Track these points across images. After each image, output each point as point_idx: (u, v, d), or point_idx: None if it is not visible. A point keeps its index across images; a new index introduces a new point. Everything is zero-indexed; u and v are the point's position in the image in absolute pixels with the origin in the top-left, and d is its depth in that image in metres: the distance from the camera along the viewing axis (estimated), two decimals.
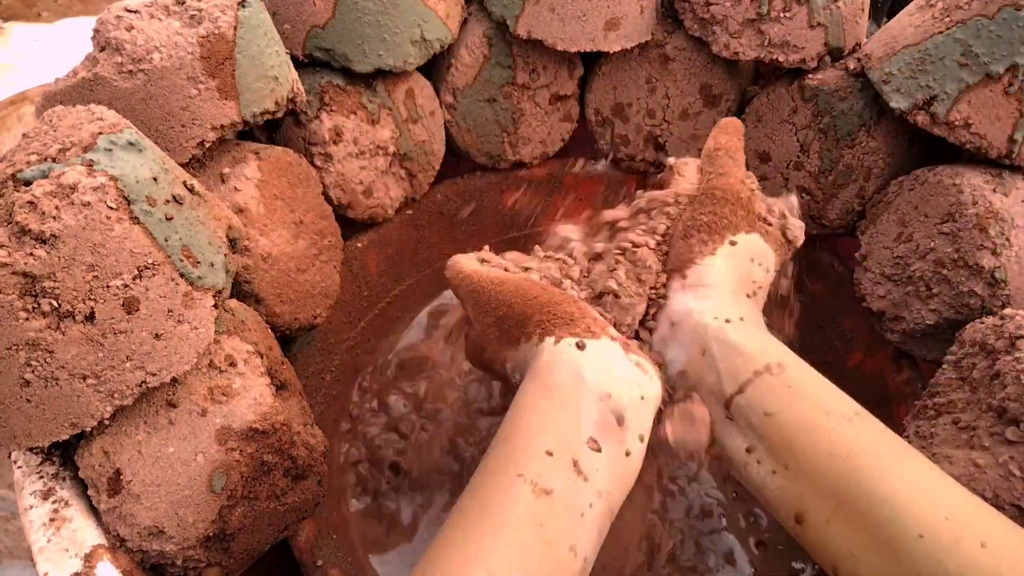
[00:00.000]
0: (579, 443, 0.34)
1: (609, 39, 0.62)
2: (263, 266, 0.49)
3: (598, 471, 0.34)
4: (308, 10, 0.54)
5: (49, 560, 0.34)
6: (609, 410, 0.36)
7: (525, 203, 0.75)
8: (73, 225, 0.32)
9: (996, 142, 0.50)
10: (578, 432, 0.35)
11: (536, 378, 0.37)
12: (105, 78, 0.42)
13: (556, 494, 0.33)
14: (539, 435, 0.34)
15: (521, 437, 0.35)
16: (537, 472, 0.33)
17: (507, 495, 0.32)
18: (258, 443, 0.40)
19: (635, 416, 0.36)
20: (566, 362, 0.37)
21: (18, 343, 0.32)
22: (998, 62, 0.48)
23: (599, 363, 0.37)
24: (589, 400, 0.36)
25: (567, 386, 0.36)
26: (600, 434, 0.35)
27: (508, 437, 0.35)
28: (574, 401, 0.36)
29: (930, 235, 0.52)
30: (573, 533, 0.33)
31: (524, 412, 0.36)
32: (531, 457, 0.34)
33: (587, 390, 0.36)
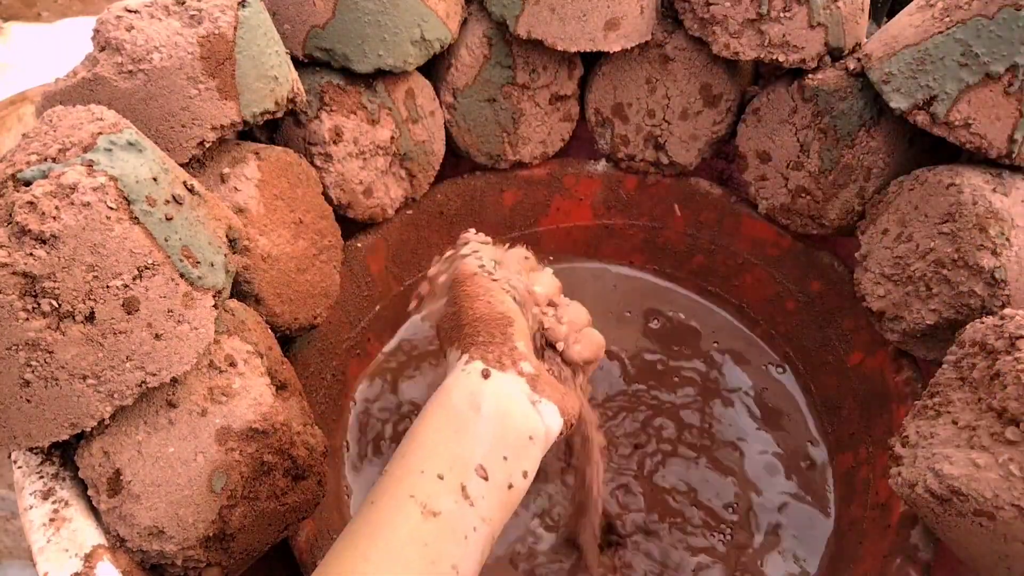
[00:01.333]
0: (469, 470, 0.37)
1: (609, 39, 0.62)
2: (263, 266, 0.49)
3: (483, 498, 0.37)
4: (308, 10, 0.54)
5: (49, 560, 0.34)
6: (499, 443, 0.38)
7: (525, 203, 0.75)
8: (73, 225, 0.32)
9: (996, 142, 0.50)
10: (469, 459, 0.37)
11: (440, 395, 0.40)
12: (105, 78, 0.42)
13: (443, 516, 0.35)
14: (433, 458, 0.37)
15: (415, 456, 0.37)
16: (427, 494, 0.35)
17: (397, 513, 0.35)
18: (258, 443, 0.40)
19: (521, 453, 0.39)
20: (468, 387, 0.39)
21: (18, 343, 0.32)
22: (998, 62, 0.48)
23: (496, 397, 0.39)
24: (482, 431, 0.38)
25: (464, 413, 0.38)
26: (488, 464, 0.37)
27: (405, 454, 0.38)
28: (468, 429, 0.38)
29: (930, 235, 0.52)
30: (456, 553, 0.35)
31: (424, 431, 0.39)
32: (424, 479, 0.36)
33: (481, 421, 0.38)
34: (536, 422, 0.39)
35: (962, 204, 0.50)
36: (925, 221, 0.53)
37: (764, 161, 0.67)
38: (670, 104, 0.68)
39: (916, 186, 0.55)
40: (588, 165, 0.75)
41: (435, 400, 0.40)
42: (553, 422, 0.40)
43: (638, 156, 0.72)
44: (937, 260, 0.51)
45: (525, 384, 0.40)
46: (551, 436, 0.41)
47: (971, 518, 0.39)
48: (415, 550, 0.34)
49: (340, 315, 0.64)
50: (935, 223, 0.52)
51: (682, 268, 0.78)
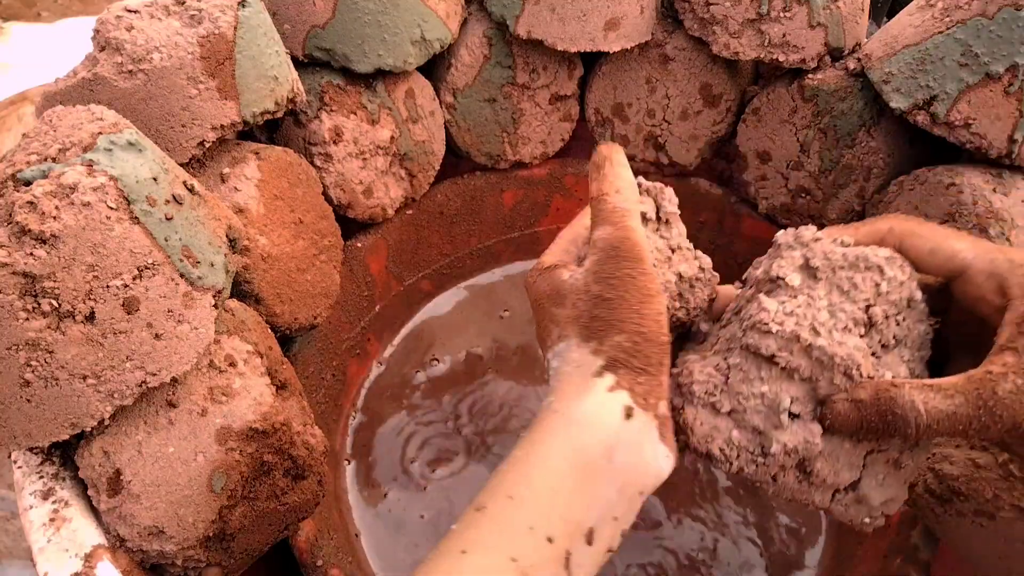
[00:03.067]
0: (578, 535, 0.32)
1: (609, 39, 0.62)
2: (263, 266, 0.49)
3: (581, 567, 0.32)
4: (308, 10, 0.54)
5: (49, 560, 0.34)
6: (616, 502, 0.33)
7: (525, 203, 0.75)
8: (73, 225, 0.32)
9: (996, 142, 0.50)
10: (583, 523, 0.32)
11: (569, 427, 0.34)
12: (105, 78, 0.42)
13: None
14: (547, 515, 0.32)
15: (527, 508, 0.32)
16: (531, 562, 0.31)
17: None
18: (258, 443, 0.40)
19: (630, 513, 0.34)
20: (607, 428, 0.33)
21: (18, 343, 0.32)
22: (998, 62, 0.48)
23: (634, 444, 0.33)
24: (604, 488, 0.33)
25: (594, 463, 0.33)
26: (599, 527, 0.33)
27: (514, 496, 0.32)
28: (592, 484, 0.33)
29: None
30: None
31: (539, 474, 0.33)
32: (531, 540, 0.31)
33: (609, 476, 0.33)
34: (653, 477, 0.34)
35: (962, 204, 0.50)
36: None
37: (764, 161, 0.67)
38: (670, 104, 0.68)
39: (916, 186, 0.55)
40: (588, 165, 0.75)
41: (561, 430, 0.34)
42: (667, 472, 0.35)
43: (638, 156, 0.72)
44: None
45: (656, 430, 0.34)
46: (656, 487, 0.35)
47: (971, 518, 0.39)
48: None
49: (340, 315, 0.64)
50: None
51: None
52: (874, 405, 0.31)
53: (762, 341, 0.33)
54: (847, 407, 0.32)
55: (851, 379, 0.32)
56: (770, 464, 0.33)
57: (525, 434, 0.35)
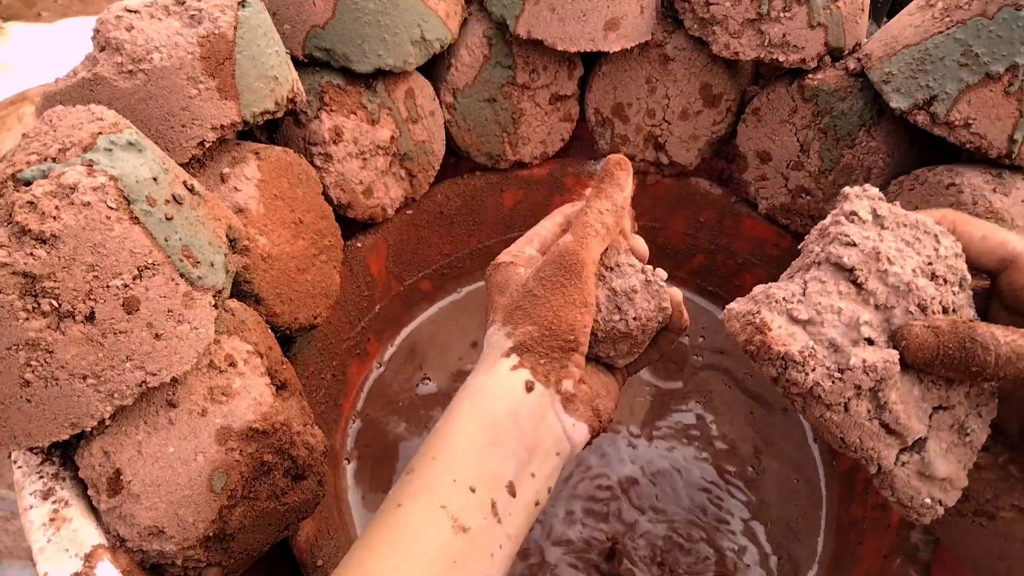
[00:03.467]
0: (499, 485, 0.36)
1: (609, 39, 0.62)
2: (263, 266, 0.49)
3: (510, 515, 0.36)
4: (308, 10, 0.54)
5: (49, 560, 0.34)
6: (530, 460, 0.37)
7: (525, 203, 0.75)
8: (73, 225, 0.32)
9: (996, 142, 0.50)
10: (501, 475, 0.36)
11: (476, 395, 0.38)
12: (105, 78, 0.42)
13: (472, 532, 0.34)
14: (466, 468, 0.36)
15: (448, 463, 0.36)
16: (459, 507, 0.34)
17: (426, 524, 0.33)
18: (258, 443, 0.40)
19: (548, 470, 0.38)
20: (510, 397, 0.38)
21: (18, 343, 0.32)
22: (998, 62, 0.48)
23: (534, 412, 0.37)
24: (515, 446, 0.37)
25: (502, 424, 0.37)
26: (518, 480, 0.36)
27: (436, 458, 0.36)
28: (502, 442, 0.37)
29: None
30: (482, 572, 0.34)
31: (457, 433, 0.37)
32: (456, 490, 0.35)
33: (516, 435, 0.37)
34: (564, 442, 0.39)
35: (962, 204, 0.50)
36: None
37: (764, 161, 0.67)
38: (670, 104, 0.68)
39: (916, 186, 0.55)
40: (588, 165, 0.75)
41: (470, 399, 0.38)
42: (580, 440, 0.39)
43: (638, 156, 0.72)
44: None
45: (559, 403, 0.39)
46: (575, 452, 0.40)
47: (971, 518, 0.39)
48: (444, 567, 0.33)
49: (340, 315, 0.64)
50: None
51: (682, 268, 0.78)
52: (952, 333, 0.31)
53: (844, 251, 0.33)
54: (925, 331, 0.32)
55: (925, 313, 0.32)
56: (847, 382, 0.31)
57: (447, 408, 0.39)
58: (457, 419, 0.38)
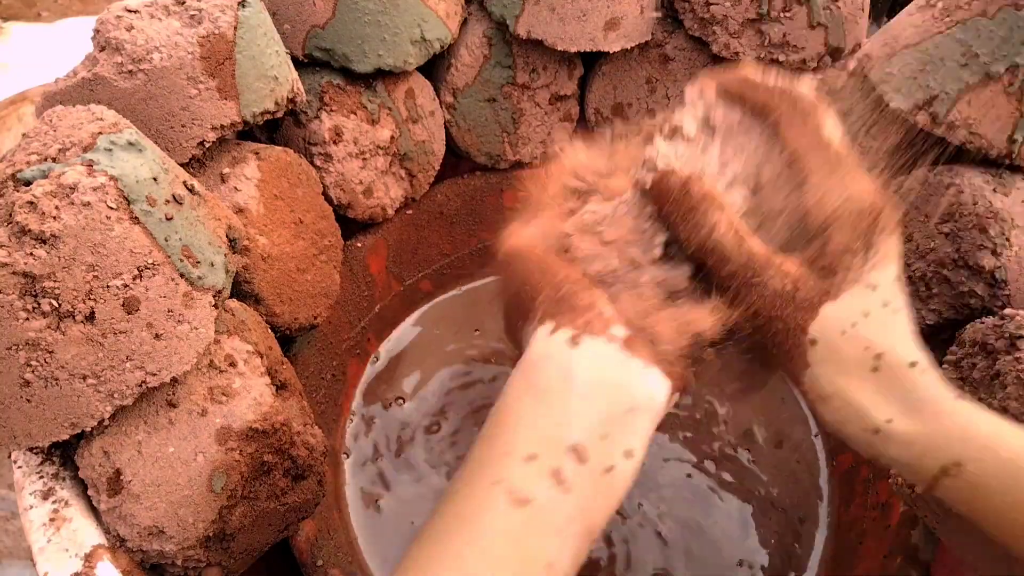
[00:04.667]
0: (562, 451, 0.32)
1: (609, 39, 0.62)
2: (263, 266, 0.49)
3: (579, 485, 0.32)
4: (308, 10, 0.54)
5: (49, 560, 0.34)
6: (596, 419, 0.33)
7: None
8: (73, 225, 0.32)
9: (996, 142, 0.50)
10: (563, 438, 0.32)
11: (524, 371, 0.35)
12: (105, 78, 0.42)
13: (535, 505, 0.31)
14: (520, 439, 0.32)
15: (501, 438, 0.33)
16: (516, 478, 0.31)
17: (483, 503, 0.31)
18: (258, 443, 0.40)
19: (623, 429, 0.34)
20: (556, 357, 0.34)
21: (18, 343, 0.32)
22: (998, 62, 0.48)
23: (591, 364, 0.34)
24: (575, 406, 0.33)
25: (554, 385, 0.33)
26: (586, 443, 0.32)
27: (488, 437, 0.33)
28: (560, 403, 0.33)
29: (930, 235, 0.52)
30: (551, 550, 0.31)
31: (507, 410, 0.34)
32: (510, 462, 0.32)
33: (575, 392, 0.33)
34: (638, 391, 0.34)
35: (962, 204, 0.50)
36: (925, 221, 0.53)
37: None
38: (670, 104, 0.68)
39: (916, 186, 0.54)
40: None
41: (518, 376, 0.35)
42: (657, 389, 0.34)
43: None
44: (937, 260, 0.51)
45: (618, 349, 0.34)
46: (657, 406, 0.35)
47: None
48: (506, 546, 0.30)
49: (340, 315, 0.64)
50: (935, 223, 0.52)
51: None
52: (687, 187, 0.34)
53: (647, 176, 0.34)
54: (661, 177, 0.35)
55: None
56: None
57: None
58: (508, 396, 0.34)
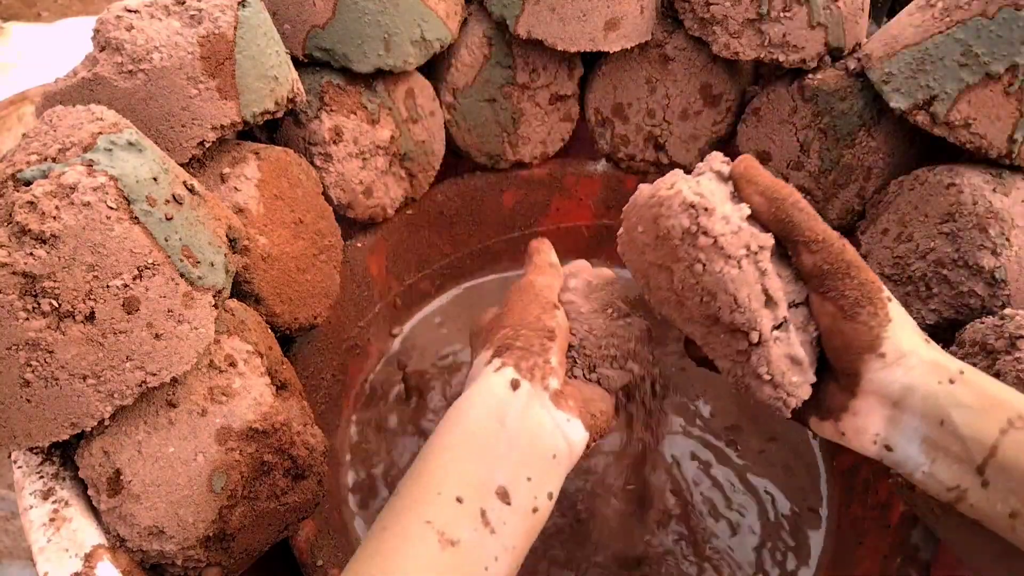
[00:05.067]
0: (489, 493, 0.34)
1: (609, 39, 0.62)
2: (263, 266, 0.49)
3: (505, 524, 0.34)
4: (308, 10, 0.54)
5: (49, 560, 0.34)
6: (522, 463, 0.35)
7: (525, 203, 0.75)
8: (73, 225, 0.32)
9: (996, 142, 0.50)
10: (490, 481, 0.34)
11: (460, 407, 0.37)
12: (105, 78, 0.42)
13: (462, 545, 0.32)
14: (451, 479, 0.34)
15: (433, 477, 0.34)
16: (445, 520, 0.32)
17: (413, 542, 0.32)
18: (258, 443, 0.40)
19: (545, 474, 0.36)
20: (493, 397, 0.37)
21: (18, 343, 0.32)
22: (998, 62, 0.48)
23: (524, 411, 0.36)
24: (504, 449, 0.35)
25: (487, 429, 0.36)
26: (511, 486, 0.35)
27: (421, 473, 0.35)
28: (490, 447, 0.35)
29: (930, 235, 0.52)
30: None
31: (442, 445, 0.36)
32: (440, 502, 0.33)
33: (505, 437, 0.35)
34: (560, 440, 0.37)
35: (962, 204, 0.50)
36: (925, 221, 0.53)
37: (764, 161, 0.67)
38: (670, 104, 0.68)
39: (916, 186, 0.55)
40: (588, 165, 0.75)
41: (456, 412, 0.37)
42: (578, 438, 0.38)
43: (638, 156, 0.72)
44: (937, 260, 0.51)
45: (548, 399, 0.38)
46: (576, 453, 0.38)
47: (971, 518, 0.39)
48: None
49: (340, 315, 0.64)
50: (935, 223, 0.52)
51: None
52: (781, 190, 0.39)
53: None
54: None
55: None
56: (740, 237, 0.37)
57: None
58: (442, 435, 0.37)
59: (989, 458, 0.35)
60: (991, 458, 0.35)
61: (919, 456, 0.37)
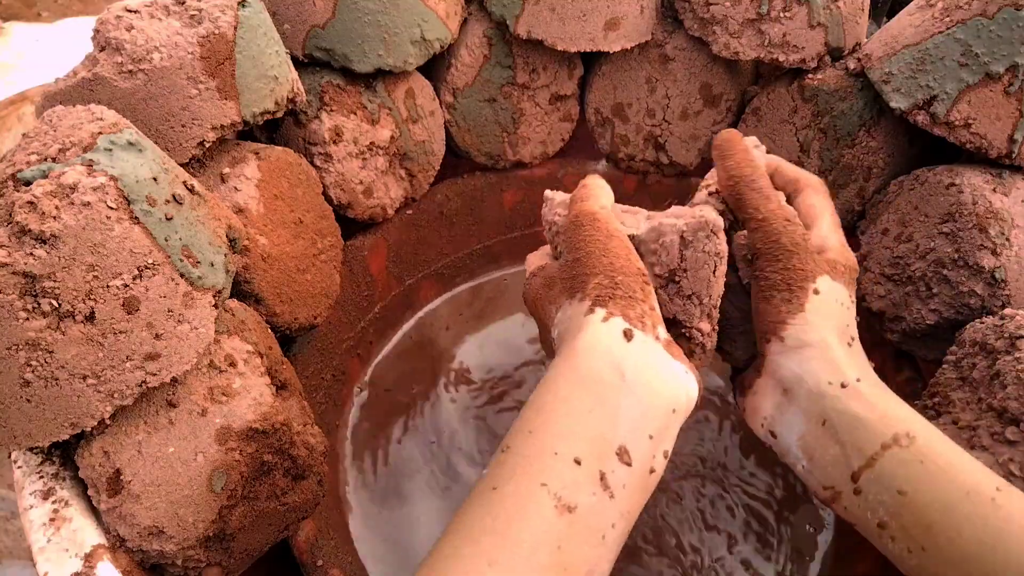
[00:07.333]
0: (609, 452, 0.31)
1: (609, 39, 0.62)
2: (263, 266, 0.49)
3: (624, 488, 0.31)
4: (308, 10, 0.54)
5: (49, 560, 0.34)
6: (644, 419, 0.33)
7: (525, 203, 0.75)
8: (73, 225, 0.32)
9: (996, 142, 0.50)
10: (610, 439, 0.32)
11: (572, 360, 0.34)
12: (105, 78, 0.42)
13: (579, 512, 0.30)
14: (568, 437, 0.31)
15: (548, 433, 0.31)
16: (562, 484, 0.30)
17: (527, 507, 0.29)
18: (258, 443, 0.40)
19: (666, 430, 0.34)
20: (609, 349, 0.34)
21: (18, 343, 0.32)
22: (998, 62, 0.48)
23: (643, 362, 0.34)
24: (626, 402, 0.32)
25: (606, 382, 0.33)
26: (632, 445, 0.32)
27: (532, 431, 0.32)
28: (611, 402, 0.32)
29: (930, 235, 0.52)
30: (593, 557, 0.30)
31: (554, 403, 0.33)
32: (557, 464, 0.30)
33: (627, 391, 0.33)
34: (680, 392, 0.34)
35: (962, 204, 0.50)
36: (925, 221, 0.53)
37: None
38: (670, 104, 0.68)
39: (916, 186, 0.55)
40: (588, 165, 0.75)
41: (565, 363, 0.34)
42: (695, 391, 0.35)
43: (638, 156, 0.72)
44: (937, 260, 0.51)
45: (663, 349, 0.35)
46: (691, 408, 0.35)
47: None
48: (547, 554, 0.28)
49: (340, 315, 0.64)
50: (935, 223, 0.52)
51: None
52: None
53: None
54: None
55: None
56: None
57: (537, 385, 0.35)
58: (555, 385, 0.33)
59: (865, 468, 0.35)
60: (867, 469, 0.35)
61: (797, 451, 0.37)
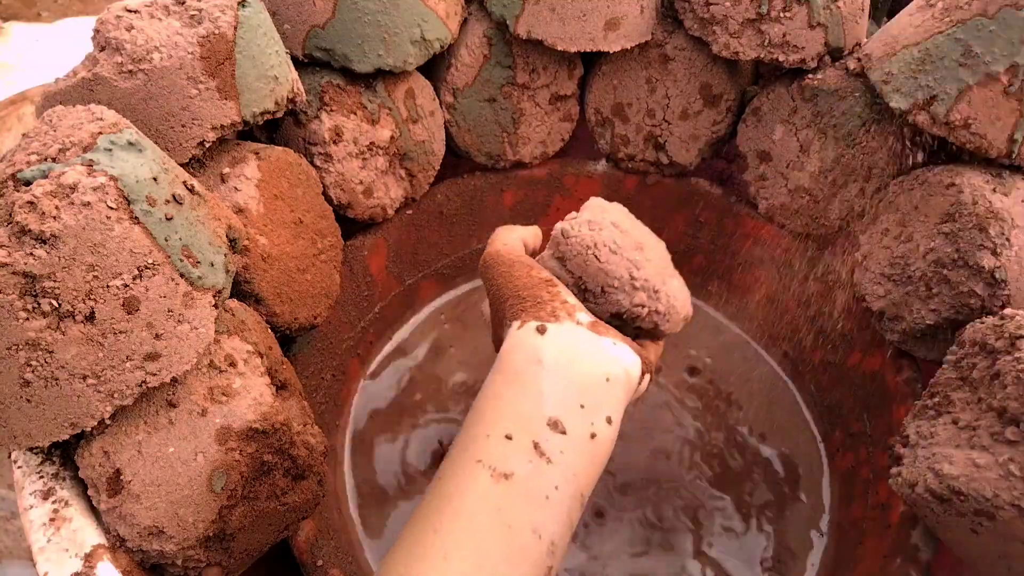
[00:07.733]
0: (539, 425, 0.34)
1: (609, 39, 0.62)
2: (263, 266, 0.49)
3: (563, 453, 0.34)
4: (308, 10, 0.54)
5: (49, 560, 0.34)
6: (570, 391, 0.35)
7: (525, 203, 0.75)
8: (73, 225, 0.32)
9: (996, 142, 0.50)
10: (537, 414, 0.35)
11: (499, 365, 0.38)
12: (105, 78, 0.42)
13: (516, 478, 0.33)
14: (498, 422, 0.35)
15: (482, 424, 0.35)
16: (496, 457, 0.34)
17: (466, 481, 0.33)
18: (258, 443, 0.40)
19: (600, 398, 0.36)
20: (525, 346, 0.37)
21: (18, 343, 0.32)
22: (998, 62, 0.48)
23: (559, 346, 0.37)
24: (547, 382, 0.35)
25: (525, 370, 0.36)
26: (563, 415, 0.35)
27: (470, 425, 0.36)
28: (532, 384, 0.36)
29: (930, 235, 0.52)
30: (536, 516, 0.33)
31: (485, 399, 0.37)
32: (490, 443, 0.34)
33: (545, 372, 0.36)
34: (611, 362, 0.37)
35: (962, 204, 0.50)
36: (925, 221, 0.53)
37: (764, 161, 0.67)
38: (670, 104, 0.68)
39: (916, 186, 0.55)
40: (588, 165, 0.75)
41: (495, 371, 0.38)
42: (630, 361, 0.38)
43: (638, 156, 0.72)
44: (937, 260, 0.51)
45: (586, 330, 0.38)
46: (632, 377, 0.38)
47: (971, 518, 0.39)
48: (486, 516, 0.32)
49: (340, 315, 0.64)
50: (935, 223, 0.52)
51: (682, 268, 0.78)
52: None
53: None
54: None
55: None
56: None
57: None
58: (487, 391, 0.37)
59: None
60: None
61: None
